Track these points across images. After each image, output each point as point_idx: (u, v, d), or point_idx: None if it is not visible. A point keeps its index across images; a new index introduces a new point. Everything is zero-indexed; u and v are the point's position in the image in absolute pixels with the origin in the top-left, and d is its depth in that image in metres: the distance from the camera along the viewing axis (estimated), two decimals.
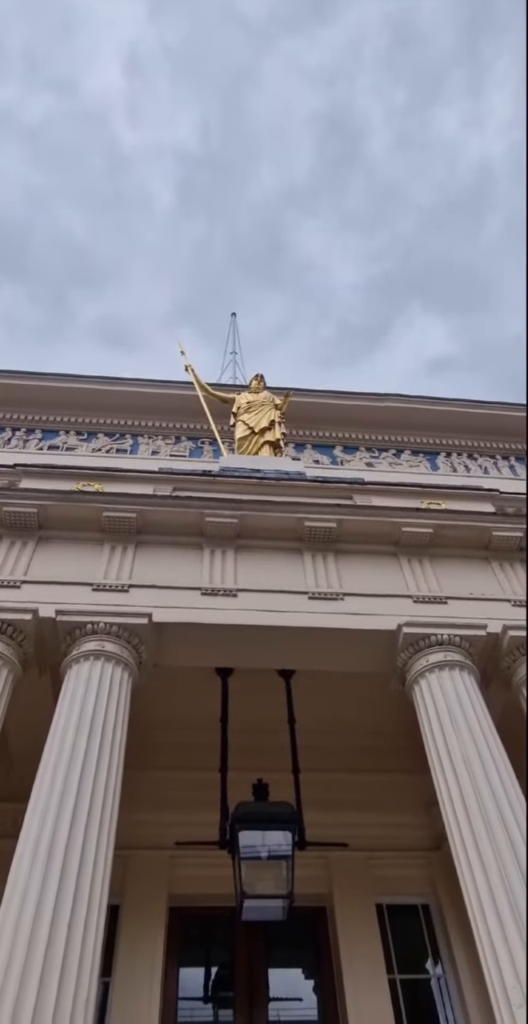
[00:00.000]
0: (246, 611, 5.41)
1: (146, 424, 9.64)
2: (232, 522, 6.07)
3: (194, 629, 5.33)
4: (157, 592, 5.54)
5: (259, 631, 5.44)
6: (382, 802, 6.37)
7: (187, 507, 6.10)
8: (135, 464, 8.12)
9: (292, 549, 6.14)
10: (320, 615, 5.54)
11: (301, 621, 5.50)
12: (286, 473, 7.42)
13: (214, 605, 5.51)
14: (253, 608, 5.46)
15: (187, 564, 5.85)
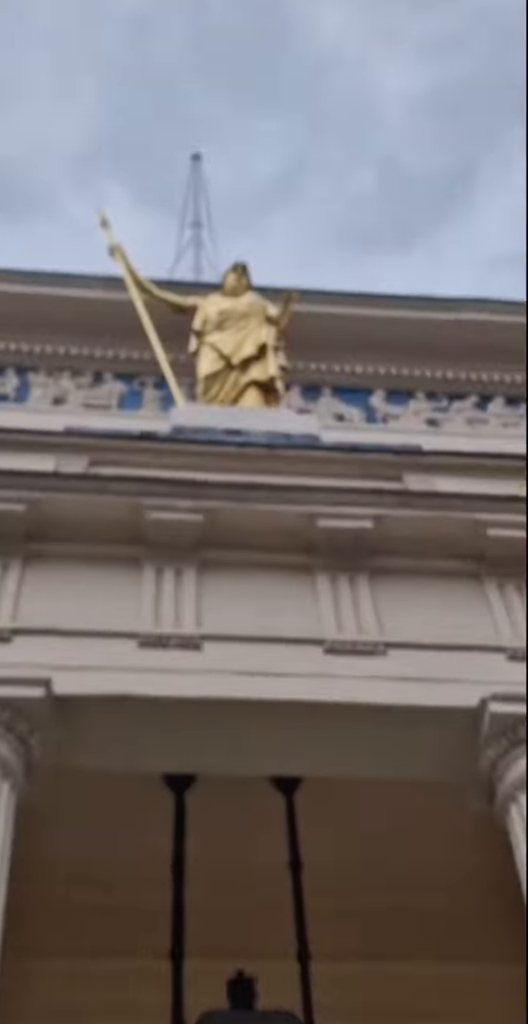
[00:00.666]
0: (217, 675, 5.51)
1: (41, 351, 9.56)
2: (193, 520, 6.10)
3: (127, 707, 5.45)
4: (61, 643, 5.55)
5: (239, 710, 5.51)
6: (454, 1013, 6.39)
7: (114, 494, 6.13)
8: (21, 420, 7.93)
9: (296, 568, 6.17)
10: (345, 682, 5.58)
11: (312, 692, 5.52)
12: (288, 436, 7.39)
13: (161, 664, 5.56)
14: (229, 669, 5.55)
15: (115, 594, 5.88)
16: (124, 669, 5.47)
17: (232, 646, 5.67)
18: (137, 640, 5.62)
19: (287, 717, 5.53)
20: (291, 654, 5.66)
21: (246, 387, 8.45)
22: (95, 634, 5.61)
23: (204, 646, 5.64)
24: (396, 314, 9.90)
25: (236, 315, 8.90)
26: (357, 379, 9.88)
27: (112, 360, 9.75)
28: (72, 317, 9.63)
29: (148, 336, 8.99)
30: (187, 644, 5.64)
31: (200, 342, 8.85)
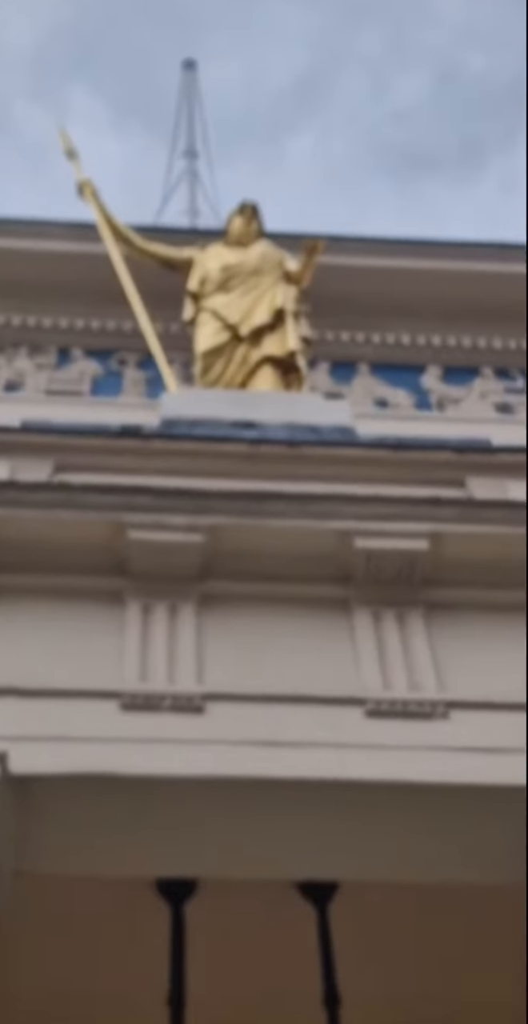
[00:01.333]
0: (224, 747, 5.55)
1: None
2: (190, 541, 6.17)
3: (106, 790, 5.48)
4: (19, 705, 5.60)
5: (255, 793, 5.55)
6: None
7: (87, 508, 6.20)
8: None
9: (328, 603, 6.25)
10: (393, 755, 5.62)
11: (350, 768, 5.55)
12: (314, 429, 7.48)
13: (151, 732, 5.59)
14: (240, 739, 5.59)
15: (89, 640, 5.95)
16: (102, 739, 5.48)
17: (244, 708, 5.69)
18: (119, 701, 5.65)
19: (318, 801, 5.55)
20: (322, 718, 5.67)
21: (258, 365, 8.55)
22: (64, 693, 5.63)
23: (207, 708, 5.66)
24: (456, 266, 10.01)
25: (244, 271, 9.02)
26: (404, 352, 9.96)
27: (82, 332, 9.87)
28: (28, 276, 9.78)
29: (129, 300, 9.11)
30: (185, 706, 5.66)
31: (198, 307, 8.97)
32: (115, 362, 9.69)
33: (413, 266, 10.04)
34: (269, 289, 8.90)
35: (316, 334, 9.19)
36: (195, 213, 15.52)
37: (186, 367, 9.20)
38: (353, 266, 9.90)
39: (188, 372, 9.11)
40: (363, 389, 9.60)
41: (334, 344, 9.80)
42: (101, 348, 9.77)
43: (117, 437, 7.17)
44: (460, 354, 9.96)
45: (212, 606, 6.17)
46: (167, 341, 9.16)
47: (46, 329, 9.78)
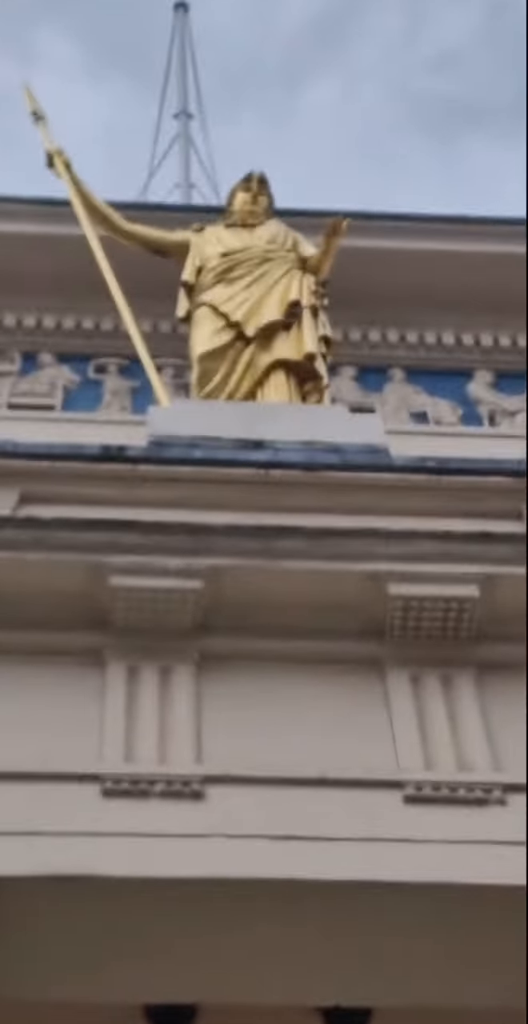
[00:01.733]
0: (228, 842, 5.57)
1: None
2: (186, 588, 6.21)
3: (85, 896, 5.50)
4: None
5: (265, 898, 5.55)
6: None
7: (61, 549, 6.24)
8: None
9: (355, 662, 6.30)
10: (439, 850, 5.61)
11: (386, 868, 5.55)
12: (337, 450, 7.52)
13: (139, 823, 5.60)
14: (247, 831, 5.60)
15: (64, 710, 6.00)
16: (79, 833, 5.49)
17: (252, 793, 5.70)
18: (99, 786, 5.66)
19: (345, 908, 5.56)
20: (350, 805, 5.68)
21: (269, 371, 8.57)
22: (33, 777, 5.65)
23: (207, 793, 5.68)
24: (510, 248, 10.03)
25: (251, 258, 9.06)
26: (447, 354, 9.99)
27: (52, 332, 9.92)
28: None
29: (110, 293, 9.12)
30: (180, 791, 5.67)
31: (194, 302, 8.99)
32: (93, 369, 9.75)
33: (457, 249, 10.09)
34: (281, 279, 8.93)
35: (339, 333, 9.19)
36: (189, 187, 15.58)
37: (180, 374, 9.22)
38: (383, 249, 9.97)
39: (182, 380, 9.12)
40: (397, 400, 9.64)
41: (361, 345, 9.85)
42: (76, 351, 9.82)
43: (96, 461, 7.20)
44: (515, 356, 9.97)
45: (212, 668, 6.20)
46: (156, 343, 9.20)
47: (8, 328, 9.81)
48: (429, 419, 9.57)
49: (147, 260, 9.41)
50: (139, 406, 9.12)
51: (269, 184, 9.67)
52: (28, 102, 10.28)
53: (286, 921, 5.59)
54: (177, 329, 9.22)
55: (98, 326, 9.72)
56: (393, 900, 5.55)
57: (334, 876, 5.48)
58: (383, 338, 9.95)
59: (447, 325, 9.96)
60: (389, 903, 5.56)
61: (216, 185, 15.39)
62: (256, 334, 8.64)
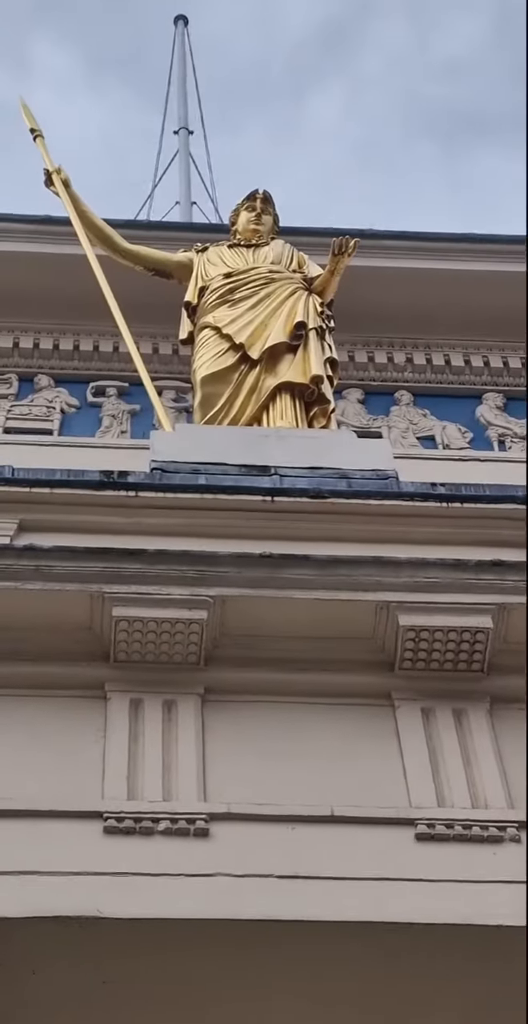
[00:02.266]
0: (236, 881, 5.54)
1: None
2: (191, 618, 6.20)
3: (86, 937, 5.45)
4: None
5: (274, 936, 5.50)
6: None
7: (60, 579, 6.24)
8: None
9: (365, 696, 6.30)
10: (453, 888, 5.59)
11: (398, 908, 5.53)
12: (345, 476, 7.53)
13: (142, 862, 5.58)
14: (256, 871, 5.58)
15: (63, 746, 5.98)
16: (80, 873, 5.48)
17: (260, 831, 5.70)
18: (101, 824, 5.65)
19: (355, 949, 5.51)
20: (360, 843, 5.67)
21: (274, 395, 8.54)
22: (31, 815, 5.64)
23: (213, 831, 5.67)
24: (520, 268, 10.00)
25: (255, 278, 9.06)
26: (454, 377, 9.99)
27: (49, 354, 9.92)
28: None
29: (110, 314, 9.12)
30: (185, 829, 5.66)
31: (197, 324, 8.99)
32: (91, 392, 9.71)
33: (464, 268, 10.10)
34: (286, 300, 8.92)
35: (344, 355, 9.19)
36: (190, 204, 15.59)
37: (181, 397, 9.20)
38: (389, 269, 9.99)
39: (184, 403, 9.11)
40: (405, 423, 9.62)
41: (368, 368, 9.83)
42: (74, 374, 9.81)
43: (97, 488, 7.21)
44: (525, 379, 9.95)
45: (217, 701, 6.20)
46: (157, 365, 9.21)
47: (3, 351, 9.82)
48: (437, 443, 9.55)
49: (147, 280, 9.42)
50: (139, 430, 9.10)
51: (273, 202, 9.67)
52: (26, 119, 10.30)
53: (295, 962, 5.55)
54: (178, 351, 9.21)
55: (97, 348, 9.70)
56: (405, 941, 5.52)
57: (344, 917, 5.47)
58: (390, 360, 9.93)
59: (455, 347, 9.95)
60: (401, 944, 5.53)
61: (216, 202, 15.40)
62: (261, 356, 8.61)
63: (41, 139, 10.15)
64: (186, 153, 16.65)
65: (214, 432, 8.28)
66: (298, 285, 9.04)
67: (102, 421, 9.48)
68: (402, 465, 8.02)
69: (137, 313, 9.20)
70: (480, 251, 10.18)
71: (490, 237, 10.35)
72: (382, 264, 9.83)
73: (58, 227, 9.78)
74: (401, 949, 5.55)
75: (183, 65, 18.32)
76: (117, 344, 9.29)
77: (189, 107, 17.83)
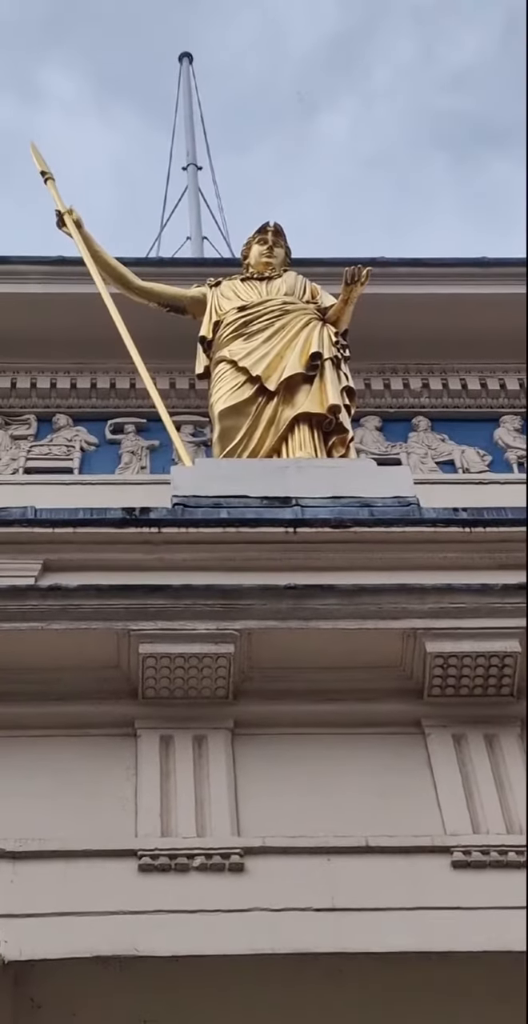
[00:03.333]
0: (273, 916, 5.52)
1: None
2: (218, 652, 6.19)
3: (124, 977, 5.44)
4: (12, 872, 5.61)
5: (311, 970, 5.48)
6: None
7: (85, 618, 6.22)
8: None
9: (394, 724, 6.29)
10: (491, 916, 5.56)
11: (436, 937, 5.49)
12: (367, 505, 7.53)
13: (178, 899, 5.56)
14: (292, 905, 5.55)
15: (95, 785, 5.98)
16: (116, 912, 5.47)
17: (295, 864, 5.68)
18: (135, 862, 5.65)
19: (394, 979, 5.48)
20: (396, 873, 5.65)
21: (292, 426, 8.53)
22: (66, 855, 5.65)
23: (248, 866, 5.65)
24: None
25: (269, 311, 9.05)
26: (472, 400, 9.97)
27: (67, 393, 9.94)
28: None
29: (126, 352, 9.12)
30: (219, 865, 5.64)
31: (212, 358, 9.01)
32: (109, 430, 9.72)
33: (477, 292, 10.11)
34: (301, 331, 8.91)
35: (360, 383, 9.19)
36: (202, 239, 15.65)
37: (200, 432, 9.20)
38: (402, 296, 10.01)
39: (202, 438, 9.11)
40: (423, 449, 9.60)
41: (384, 395, 9.82)
42: (92, 412, 9.82)
43: (120, 525, 7.22)
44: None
45: (247, 734, 6.19)
46: (175, 400, 9.22)
47: (22, 392, 9.84)
48: (457, 467, 9.53)
49: (162, 316, 9.44)
50: (158, 466, 9.12)
51: (284, 234, 9.69)
52: (36, 162, 10.35)
53: (334, 994, 5.54)
54: (195, 386, 9.23)
55: (114, 385, 9.73)
56: (445, 970, 5.51)
57: (382, 948, 5.45)
58: (406, 386, 9.93)
59: (471, 370, 9.95)
60: (441, 973, 5.51)
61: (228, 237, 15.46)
62: (278, 388, 8.60)
63: (52, 181, 10.19)
64: (195, 188, 16.74)
65: (234, 465, 8.28)
66: (312, 316, 9.03)
67: (122, 458, 9.49)
68: (423, 491, 8.00)
69: (153, 349, 9.22)
70: (492, 274, 10.19)
71: (501, 261, 10.36)
72: (395, 291, 9.84)
73: (72, 267, 9.80)
74: (441, 978, 5.53)
75: (189, 101, 18.45)
76: (134, 381, 9.30)
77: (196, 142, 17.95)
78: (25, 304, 9.87)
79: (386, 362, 9.88)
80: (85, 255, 9.54)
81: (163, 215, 16.85)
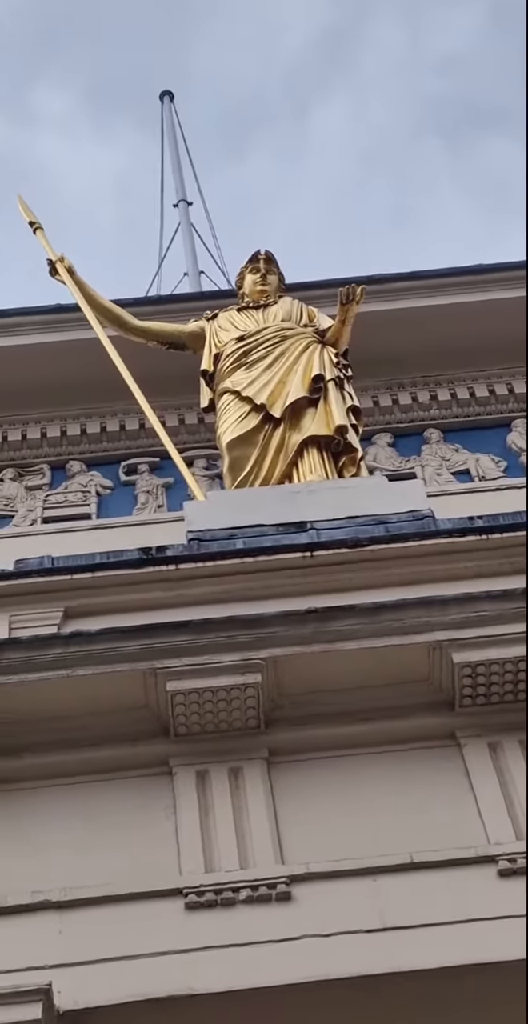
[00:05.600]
0: (323, 941, 5.49)
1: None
2: (246, 683, 6.19)
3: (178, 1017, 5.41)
4: (57, 922, 5.61)
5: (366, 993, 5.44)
6: None
7: (111, 661, 6.22)
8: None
9: (427, 737, 6.27)
10: None
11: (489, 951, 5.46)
12: (382, 521, 7.53)
13: (228, 933, 5.54)
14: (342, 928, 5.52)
15: (135, 826, 5.98)
16: (168, 952, 5.46)
17: (339, 887, 5.66)
18: (182, 900, 5.64)
19: (448, 994, 5.45)
20: (443, 886, 5.63)
21: (301, 450, 8.54)
22: (112, 900, 5.64)
23: (295, 894, 5.64)
24: None
25: (268, 338, 9.09)
26: (481, 408, 9.97)
27: (78, 439, 9.98)
28: (1, 379, 9.97)
29: (131, 392, 9.14)
30: (266, 895, 5.63)
31: (216, 390, 9.03)
32: (123, 471, 9.74)
33: (477, 299, 10.13)
34: (301, 356, 8.95)
35: (368, 401, 9.19)
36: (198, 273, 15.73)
37: (213, 464, 9.21)
38: (401, 310, 10.03)
39: (216, 470, 9.11)
40: (438, 461, 9.60)
41: (393, 410, 9.82)
42: (104, 456, 9.86)
43: (137, 566, 7.24)
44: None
45: (283, 762, 6.18)
46: (185, 436, 9.25)
47: (33, 442, 9.87)
48: (472, 476, 9.53)
49: (165, 354, 9.48)
50: (175, 503, 9.13)
51: (276, 260, 9.72)
52: (24, 213, 10.40)
53: (390, 1014, 5.49)
54: (204, 420, 9.25)
55: (123, 427, 9.77)
56: (497, 981, 5.45)
57: (436, 963, 5.42)
58: (414, 400, 9.95)
59: (478, 378, 9.96)
60: (494, 984, 5.46)
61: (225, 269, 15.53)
62: (283, 414, 8.62)
63: (41, 231, 10.24)
64: (188, 224, 16.82)
65: (246, 495, 8.30)
66: (311, 339, 9.07)
67: (138, 498, 9.52)
68: (441, 502, 8.05)
69: (159, 387, 9.26)
70: (489, 281, 10.21)
71: (497, 266, 10.37)
72: (393, 306, 9.87)
73: (69, 314, 9.86)
74: (495, 989, 5.48)
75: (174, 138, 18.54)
76: (143, 421, 9.33)
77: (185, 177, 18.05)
78: (27, 355, 9.91)
79: (392, 378, 9.90)
80: (80, 300, 9.59)
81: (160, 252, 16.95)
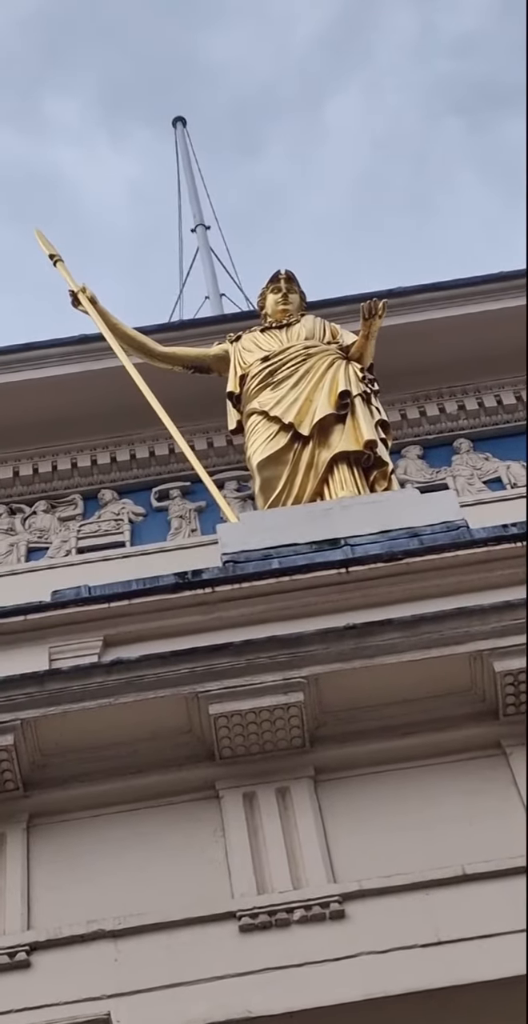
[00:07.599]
0: (379, 959, 5.45)
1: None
2: (288, 702, 6.17)
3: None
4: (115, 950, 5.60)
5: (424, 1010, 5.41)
6: None
7: (152, 687, 6.22)
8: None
9: (472, 748, 6.25)
10: None
11: None
12: (416, 535, 7.53)
13: (283, 955, 5.51)
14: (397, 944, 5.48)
15: (184, 851, 5.98)
16: (224, 976, 5.44)
17: (393, 903, 5.63)
18: (235, 923, 5.62)
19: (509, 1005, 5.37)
20: (496, 896, 5.59)
21: (331, 467, 8.53)
22: (164, 926, 5.63)
23: (349, 912, 5.61)
24: None
25: (293, 357, 9.10)
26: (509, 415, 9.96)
27: (109, 468, 10.00)
28: (30, 413, 9.98)
29: (159, 418, 9.15)
30: (320, 915, 5.60)
31: (243, 412, 9.04)
32: (155, 497, 9.74)
33: (498, 307, 10.12)
34: (326, 373, 8.94)
35: (396, 414, 9.18)
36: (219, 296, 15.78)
37: (244, 486, 9.21)
38: (424, 323, 10.00)
39: (247, 492, 9.11)
40: (469, 470, 9.58)
41: (421, 422, 9.80)
42: (136, 483, 9.88)
43: (173, 591, 7.24)
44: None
45: (330, 780, 6.16)
46: (215, 459, 9.26)
47: (64, 473, 9.88)
48: (505, 483, 9.51)
49: (191, 378, 9.51)
50: (208, 526, 9.15)
51: (297, 279, 9.73)
52: (43, 247, 10.43)
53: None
54: (232, 441, 9.26)
55: (153, 453, 9.79)
56: None
57: (494, 975, 5.38)
58: (442, 411, 9.94)
59: (504, 385, 9.95)
60: None
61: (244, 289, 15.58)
62: (312, 432, 8.62)
63: (61, 263, 10.26)
64: (206, 248, 16.88)
65: (278, 514, 8.30)
66: (335, 356, 9.07)
67: (171, 524, 9.54)
68: (473, 512, 8.02)
69: (186, 412, 9.29)
70: (510, 288, 10.19)
71: (517, 273, 10.35)
72: (415, 319, 9.88)
73: (94, 344, 9.88)
74: None
75: (188, 163, 18.61)
76: (172, 446, 9.34)
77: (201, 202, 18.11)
78: (54, 387, 9.96)
79: (419, 390, 9.90)
80: (104, 330, 9.60)
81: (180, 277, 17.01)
